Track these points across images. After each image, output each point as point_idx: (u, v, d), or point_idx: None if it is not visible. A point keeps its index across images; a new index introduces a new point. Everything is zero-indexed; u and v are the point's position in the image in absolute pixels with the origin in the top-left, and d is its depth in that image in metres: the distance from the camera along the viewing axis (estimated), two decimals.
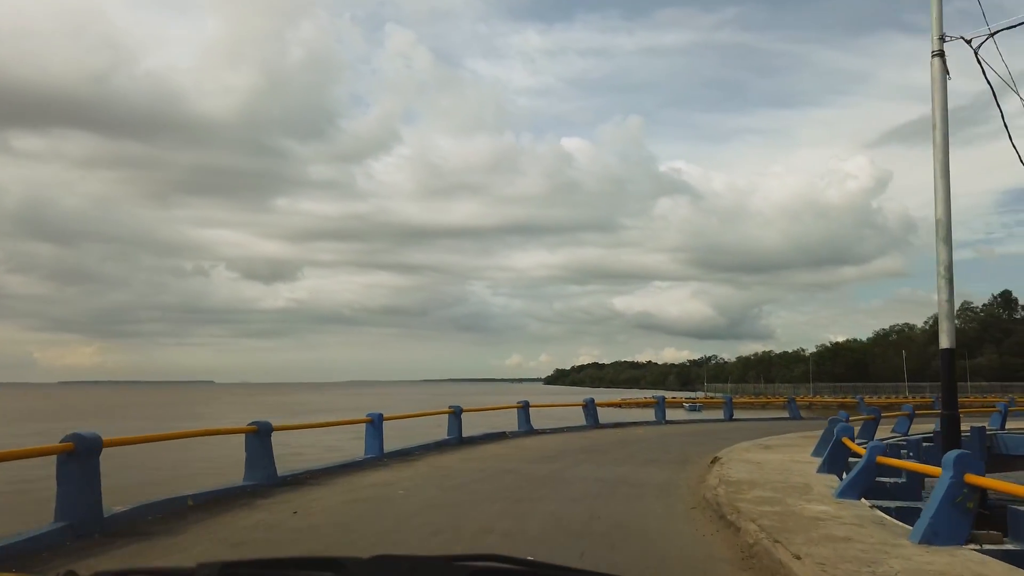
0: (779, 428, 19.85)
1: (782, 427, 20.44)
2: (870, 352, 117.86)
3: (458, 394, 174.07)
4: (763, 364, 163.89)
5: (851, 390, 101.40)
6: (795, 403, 26.87)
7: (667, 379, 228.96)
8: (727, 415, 23.02)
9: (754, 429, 20.07)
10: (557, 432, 18.60)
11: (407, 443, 15.35)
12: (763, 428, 20.26)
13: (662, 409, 22.70)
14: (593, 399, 20.37)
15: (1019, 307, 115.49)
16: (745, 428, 20.19)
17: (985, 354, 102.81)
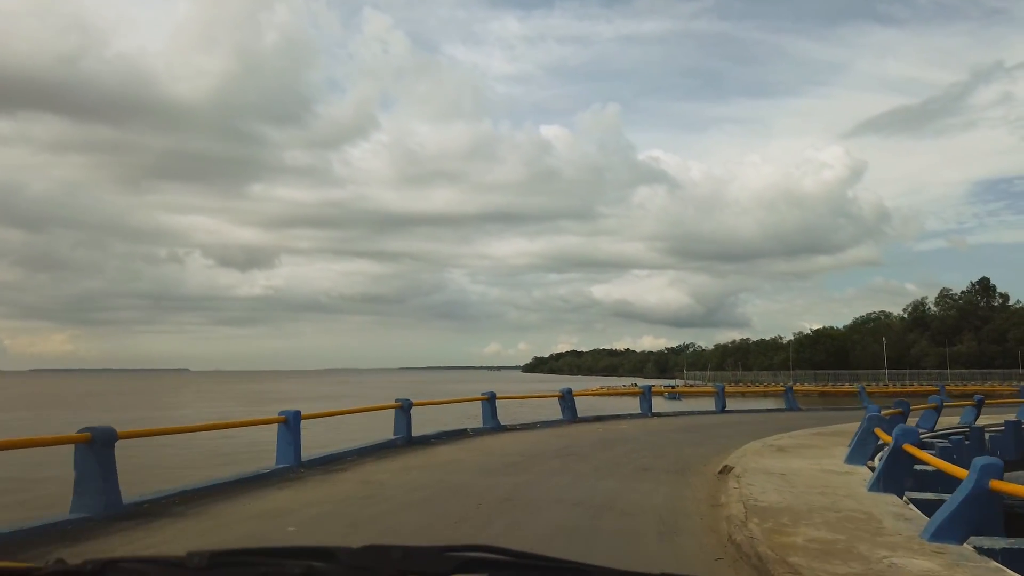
0: (781, 422, 17.24)
1: (784, 421, 17.83)
2: (850, 340, 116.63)
3: (433, 382, 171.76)
4: (741, 352, 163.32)
5: (832, 378, 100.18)
6: (792, 392, 24.35)
7: (645, 367, 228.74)
8: (719, 406, 20.37)
9: (753, 423, 17.46)
10: (528, 428, 15.80)
11: (345, 444, 12.47)
12: (762, 422, 17.66)
13: (648, 400, 20.04)
14: (570, 389, 17.44)
15: (997, 294, 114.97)
16: (743, 422, 17.55)
17: (964, 341, 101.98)
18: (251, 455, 15.65)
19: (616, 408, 24.49)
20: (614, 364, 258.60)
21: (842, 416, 18.59)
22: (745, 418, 19.51)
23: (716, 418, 19.24)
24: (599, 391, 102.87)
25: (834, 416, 19.09)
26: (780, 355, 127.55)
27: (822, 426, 15.69)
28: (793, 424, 16.28)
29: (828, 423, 16.60)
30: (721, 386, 21.05)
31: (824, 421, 17.50)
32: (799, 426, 15.71)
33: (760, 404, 32.41)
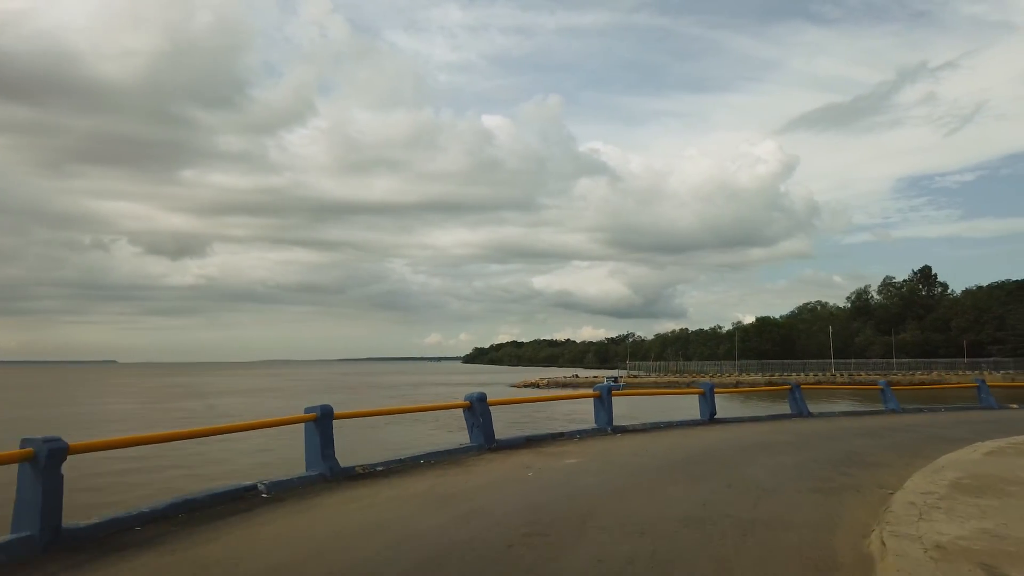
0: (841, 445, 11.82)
1: (839, 439, 12.40)
2: (795, 329, 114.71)
3: (373, 374, 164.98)
4: (681, 341, 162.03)
5: (779, 367, 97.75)
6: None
7: (585, 357, 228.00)
8: (707, 414, 14.59)
9: (899, 441, 11.87)
10: (402, 476, 9.70)
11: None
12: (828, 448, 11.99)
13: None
14: (484, 396, 10.65)
15: (937, 283, 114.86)
16: (775, 444, 11.73)
17: (908, 330, 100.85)
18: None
19: (570, 414, 18.75)
20: (554, 354, 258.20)
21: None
22: (768, 436, 14.01)
23: (727, 434, 13.67)
24: (538, 382, 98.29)
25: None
26: (724, 345, 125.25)
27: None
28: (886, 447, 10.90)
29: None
30: (710, 384, 15.38)
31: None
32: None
33: (751, 407, 27.06)
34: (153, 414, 47.45)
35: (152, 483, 16.08)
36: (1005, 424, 13.97)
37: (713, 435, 12.42)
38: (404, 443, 20.74)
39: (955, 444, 10.61)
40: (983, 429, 13.05)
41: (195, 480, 15.77)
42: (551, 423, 27.87)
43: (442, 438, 21.75)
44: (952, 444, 10.68)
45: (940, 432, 12.61)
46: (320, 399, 35.46)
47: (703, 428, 13.69)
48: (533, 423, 29.72)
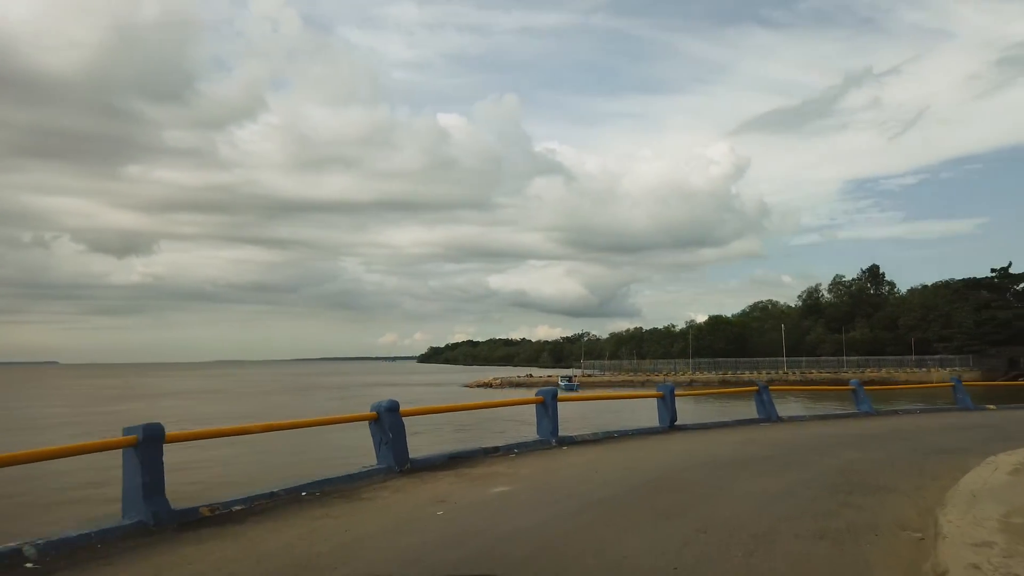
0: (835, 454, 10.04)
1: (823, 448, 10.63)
2: (748, 327, 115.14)
3: (325, 374, 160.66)
4: (635, 340, 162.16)
5: (732, 365, 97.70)
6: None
7: (541, 356, 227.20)
8: (667, 420, 12.65)
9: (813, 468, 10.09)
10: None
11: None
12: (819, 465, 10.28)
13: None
14: (394, 405, 8.20)
15: (885, 282, 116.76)
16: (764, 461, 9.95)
17: (858, 328, 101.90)
18: None
19: (513, 418, 16.59)
20: (510, 354, 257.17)
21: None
22: (750, 449, 12.16)
23: (686, 443, 11.79)
24: (491, 381, 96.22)
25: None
26: (678, 343, 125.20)
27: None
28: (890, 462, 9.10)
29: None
30: (670, 387, 13.46)
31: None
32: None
33: (729, 408, 25.43)
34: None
35: None
36: (997, 429, 12.43)
37: (676, 447, 10.49)
38: (324, 459, 18.38)
39: (960, 457, 8.90)
40: (978, 436, 11.45)
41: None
42: (502, 425, 25.85)
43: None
44: (957, 457, 8.97)
45: (933, 440, 10.95)
46: (263, 401, 32.63)
47: (663, 438, 11.76)
48: (478, 429, 27.63)
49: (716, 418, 16.20)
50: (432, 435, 24.96)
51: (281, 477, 8.58)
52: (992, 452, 9.29)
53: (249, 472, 18.97)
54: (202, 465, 19.65)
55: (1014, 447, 9.81)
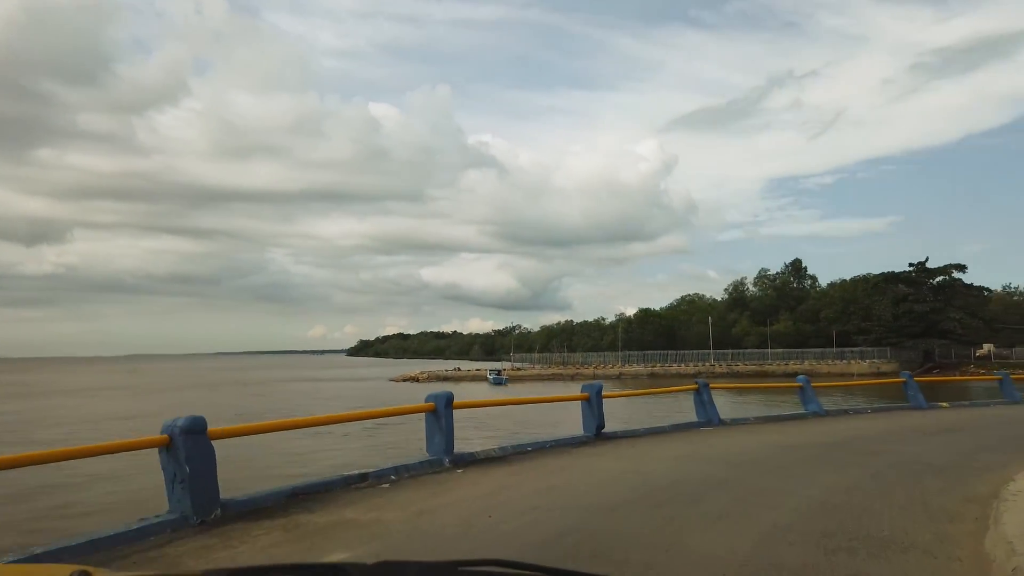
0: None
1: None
2: (676, 320, 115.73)
3: (249, 368, 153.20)
4: (566, 333, 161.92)
5: (661, 358, 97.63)
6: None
7: (472, 349, 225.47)
8: (592, 427, 10.32)
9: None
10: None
11: None
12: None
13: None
14: (197, 425, 4.89)
15: (807, 275, 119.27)
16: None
17: (781, 320, 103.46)
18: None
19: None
20: (441, 347, 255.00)
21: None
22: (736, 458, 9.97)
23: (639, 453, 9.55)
24: (419, 376, 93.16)
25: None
26: (607, 336, 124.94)
27: None
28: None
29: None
30: (597, 387, 11.16)
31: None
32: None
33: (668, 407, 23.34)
34: None
35: None
36: (971, 434, 10.69)
37: (602, 467, 8.16)
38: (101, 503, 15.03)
39: (959, 478, 6.95)
40: (957, 445, 9.61)
41: None
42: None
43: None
44: (955, 478, 7.00)
45: (911, 453, 9.01)
46: (169, 398, 27.93)
47: (587, 452, 9.44)
48: (387, 435, 25.01)
49: (649, 421, 14.10)
50: (335, 444, 22.15)
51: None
52: (990, 469, 7.37)
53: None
54: None
55: (1008, 460, 7.95)
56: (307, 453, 20.36)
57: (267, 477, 12.76)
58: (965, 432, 10.91)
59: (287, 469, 16.18)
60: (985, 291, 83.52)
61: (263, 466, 16.78)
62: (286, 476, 10.42)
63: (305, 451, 20.62)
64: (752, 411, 17.09)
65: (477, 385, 79.78)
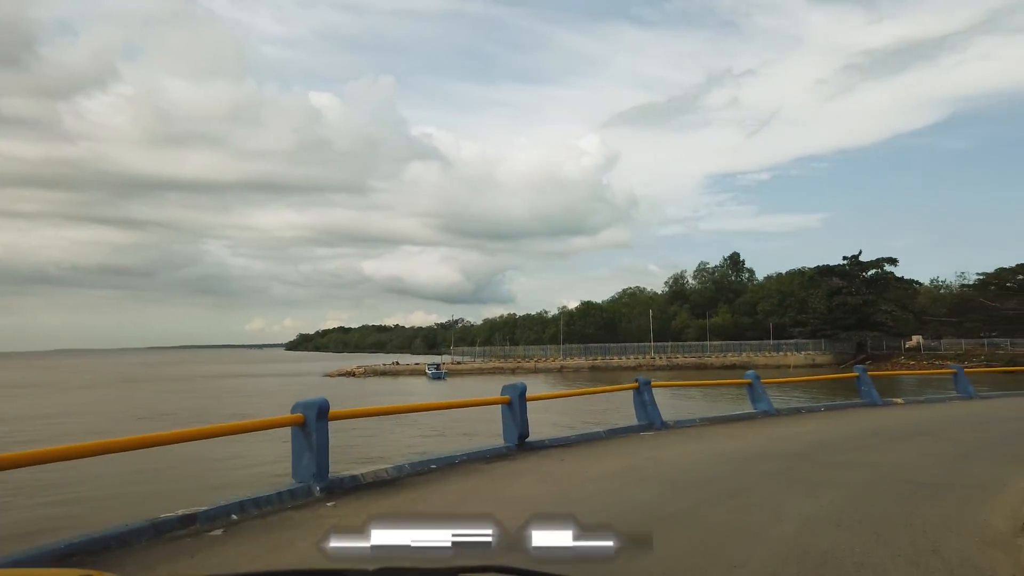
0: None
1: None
2: (618, 313, 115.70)
3: (179, 363, 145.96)
4: (508, 326, 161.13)
5: (602, 351, 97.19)
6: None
7: (414, 343, 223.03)
8: (514, 437, 8.35)
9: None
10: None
11: None
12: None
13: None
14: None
15: (745, 269, 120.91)
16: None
17: (720, 313, 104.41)
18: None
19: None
20: (383, 340, 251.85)
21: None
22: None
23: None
24: (355, 370, 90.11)
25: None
26: (549, 329, 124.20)
27: None
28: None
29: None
30: (519, 388, 9.39)
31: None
32: None
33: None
34: None
35: None
36: (943, 440, 9.38)
37: (518, 495, 6.39)
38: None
39: (959, 499, 5.49)
40: (936, 452, 8.27)
41: None
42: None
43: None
44: (954, 500, 5.55)
45: (887, 463, 7.58)
46: (71, 398, 23.72)
47: (504, 469, 7.68)
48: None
49: (587, 416, 12.47)
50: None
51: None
52: (989, 487, 5.97)
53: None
54: None
55: (1005, 474, 6.59)
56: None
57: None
58: (936, 435, 9.63)
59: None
60: (915, 284, 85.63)
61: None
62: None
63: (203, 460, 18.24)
64: (698, 409, 15.72)
65: (416, 380, 77.48)
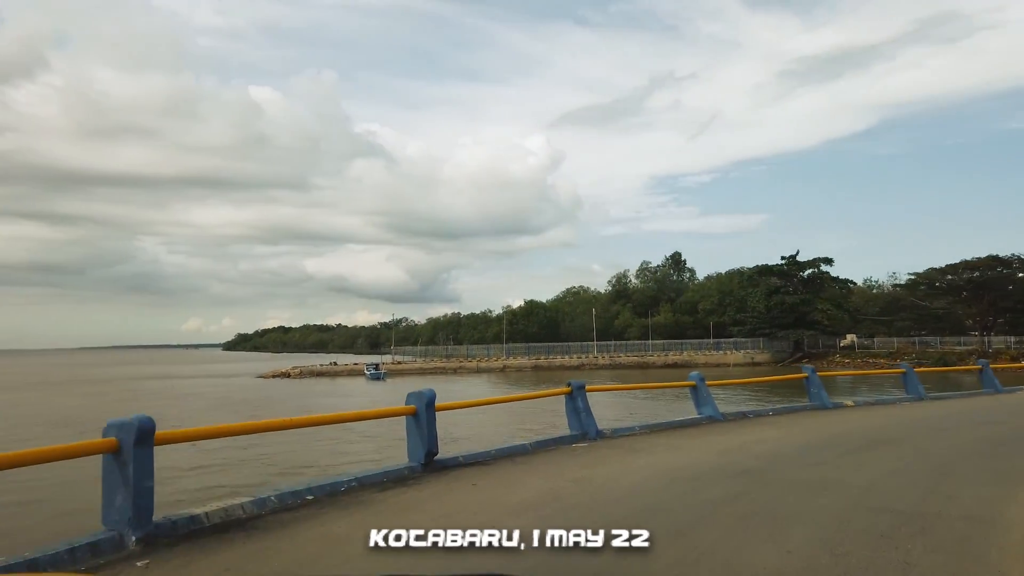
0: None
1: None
2: (561, 312, 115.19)
3: (101, 364, 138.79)
4: (452, 325, 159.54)
5: (545, 350, 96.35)
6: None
7: (356, 342, 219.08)
8: (419, 455, 6.91)
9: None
10: None
11: None
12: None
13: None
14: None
15: (686, 268, 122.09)
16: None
17: (662, 312, 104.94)
18: None
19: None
20: (324, 340, 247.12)
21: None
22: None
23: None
24: (290, 371, 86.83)
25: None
26: (492, 328, 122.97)
27: None
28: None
29: None
30: (427, 395, 7.94)
31: None
32: None
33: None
34: None
35: None
36: (908, 446, 8.34)
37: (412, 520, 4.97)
38: None
39: (959, 544, 4.30)
40: (901, 465, 7.18)
41: None
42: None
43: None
44: (955, 545, 4.35)
45: (857, 487, 6.40)
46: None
47: (400, 501, 6.19)
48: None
49: (508, 441, 11.07)
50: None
51: None
52: (979, 517, 4.83)
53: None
54: None
55: (991, 496, 5.47)
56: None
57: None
58: (900, 445, 8.60)
59: None
60: (850, 284, 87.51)
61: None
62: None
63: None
64: (639, 409, 14.54)
65: (354, 381, 75.08)
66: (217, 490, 13.58)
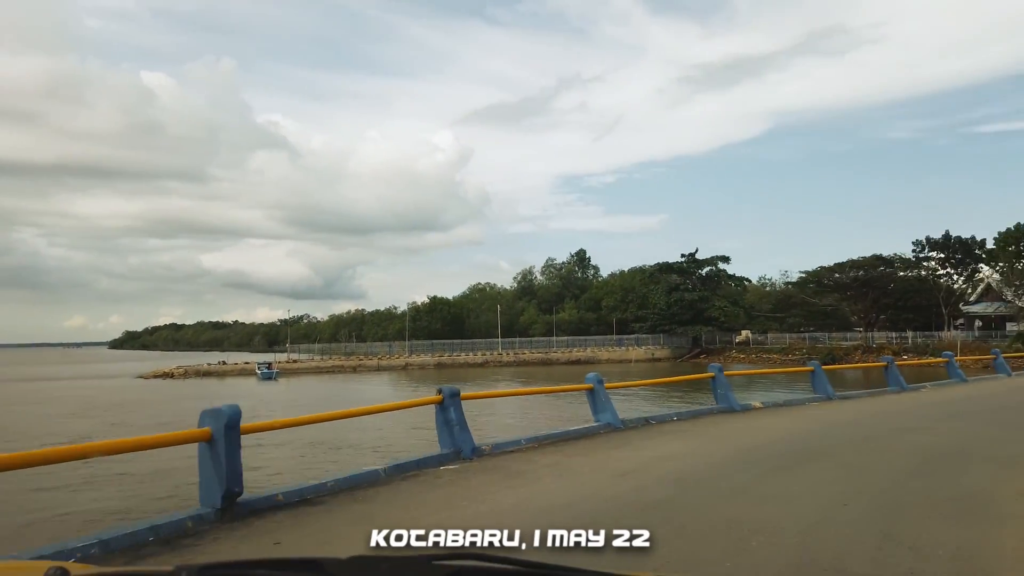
0: None
1: None
2: (466, 308, 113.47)
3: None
4: (356, 322, 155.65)
5: (449, 347, 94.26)
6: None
7: (254, 340, 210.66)
8: (218, 494, 5.15)
9: None
10: None
11: None
12: None
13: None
14: None
15: (591, 265, 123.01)
16: None
17: (566, 309, 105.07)
18: None
19: None
20: (219, 338, 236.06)
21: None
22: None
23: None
24: (174, 372, 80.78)
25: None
26: (396, 324, 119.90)
27: None
28: None
29: None
30: (228, 416, 5.95)
31: None
32: None
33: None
34: None
35: None
36: (846, 461, 6.97)
37: None
38: None
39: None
40: (840, 489, 5.72)
41: None
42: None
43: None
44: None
45: (794, 529, 4.88)
46: None
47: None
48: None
49: (354, 469, 9.12)
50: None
51: None
52: (943, 563, 3.27)
53: None
54: None
55: (971, 538, 3.98)
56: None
57: None
58: (827, 460, 7.24)
59: None
60: (745, 281, 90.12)
61: None
62: None
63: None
64: (526, 421, 12.84)
65: (245, 381, 70.50)
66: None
